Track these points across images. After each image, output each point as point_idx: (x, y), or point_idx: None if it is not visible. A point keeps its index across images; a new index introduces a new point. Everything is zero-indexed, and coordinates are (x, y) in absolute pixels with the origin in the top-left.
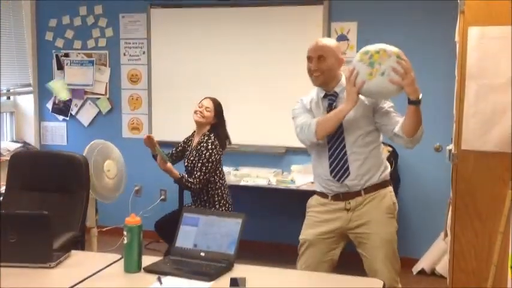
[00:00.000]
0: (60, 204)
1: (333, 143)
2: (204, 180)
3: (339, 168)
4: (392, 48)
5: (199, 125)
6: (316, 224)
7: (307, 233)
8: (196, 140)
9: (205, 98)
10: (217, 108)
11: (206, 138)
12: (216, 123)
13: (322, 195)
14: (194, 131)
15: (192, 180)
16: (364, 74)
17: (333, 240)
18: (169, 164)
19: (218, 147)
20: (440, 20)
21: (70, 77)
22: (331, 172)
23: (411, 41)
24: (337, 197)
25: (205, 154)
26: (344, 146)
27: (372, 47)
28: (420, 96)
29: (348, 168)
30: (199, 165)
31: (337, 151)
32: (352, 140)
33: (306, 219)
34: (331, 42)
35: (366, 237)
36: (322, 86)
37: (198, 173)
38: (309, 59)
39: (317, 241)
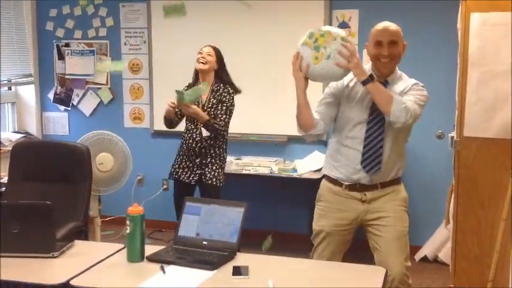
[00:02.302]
0: (62, 194)
1: (371, 133)
2: (228, 123)
3: (372, 159)
4: (337, 31)
5: (203, 72)
6: (331, 213)
7: (323, 223)
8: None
9: (205, 46)
10: (218, 53)
11: (222, 87)
12: (219, 69)
13: (335, 182)
14: (190, 83)
15: (219, 122)
16: (309, 58)
17: (349, 231)
18: (194, 106)
19: (233, 95)
20: (442, 7)
21: (71, 67)
22: (362, 162)
23: (413, 28)
24: (353, 187)
25: (227, 98)
26: (382, 139)
27: (316, 30)
28: (368, 74)
29: (380, 162)
30: (224, 108)
31: (373, 142)
32: (391, 134)
33: (319, 209)
34: (397, 26)
35: (382, 230)
36: (385, 74)
37: (224, 116)
38: (378, 43)
39: (334, 232)
